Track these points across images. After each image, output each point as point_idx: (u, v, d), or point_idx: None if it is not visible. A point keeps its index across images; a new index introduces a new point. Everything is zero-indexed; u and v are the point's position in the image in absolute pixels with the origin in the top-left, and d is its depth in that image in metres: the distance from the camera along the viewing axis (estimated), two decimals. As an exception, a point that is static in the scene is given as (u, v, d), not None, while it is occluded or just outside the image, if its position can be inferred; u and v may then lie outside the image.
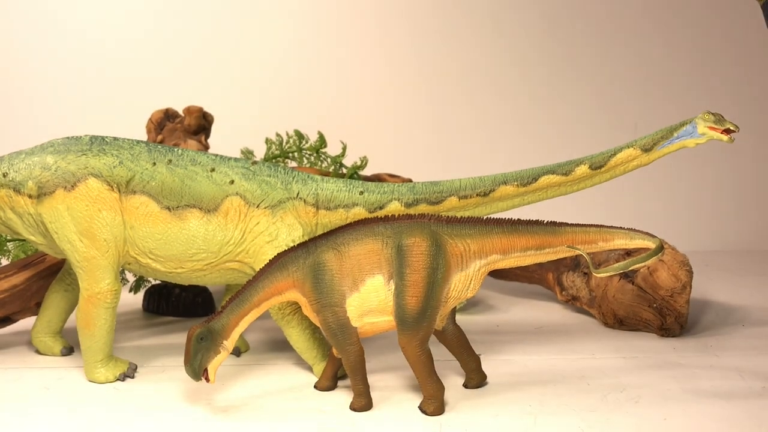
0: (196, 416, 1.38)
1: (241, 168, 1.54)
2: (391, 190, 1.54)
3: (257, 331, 1.88)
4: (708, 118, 1.48)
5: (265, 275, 1.41)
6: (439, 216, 1.43)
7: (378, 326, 1.42)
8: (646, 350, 1.72)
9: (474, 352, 1.51)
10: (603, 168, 1.52)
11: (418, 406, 1.40)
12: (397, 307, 1.38)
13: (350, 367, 1.41)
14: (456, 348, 1.50)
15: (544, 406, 1.41)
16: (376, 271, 1.40)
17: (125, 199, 1.52)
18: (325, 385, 1.50)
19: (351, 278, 1.40)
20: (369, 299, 1.40)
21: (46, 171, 1.52)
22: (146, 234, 1.51)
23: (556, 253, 1.43)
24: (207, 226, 1.51)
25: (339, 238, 1.42)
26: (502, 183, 1.53)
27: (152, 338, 1.85)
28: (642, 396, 1.45)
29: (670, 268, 1.81)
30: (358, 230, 1.42)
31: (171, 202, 1.52)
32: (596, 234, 1.42)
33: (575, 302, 2.00)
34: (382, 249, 1.40)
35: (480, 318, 1.98)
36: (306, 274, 1.41)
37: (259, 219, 1.52)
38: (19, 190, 1.53)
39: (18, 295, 1.75)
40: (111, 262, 1.52)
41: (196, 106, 2.07)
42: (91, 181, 1.51)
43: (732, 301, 2.14)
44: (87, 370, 1.55)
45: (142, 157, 1.54)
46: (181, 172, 1.53)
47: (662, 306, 1.81)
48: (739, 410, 1.39)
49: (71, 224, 1.50)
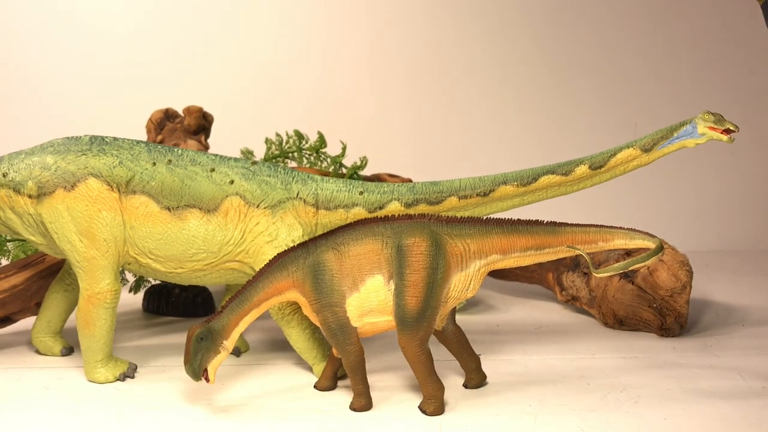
0: (196, 416, 1.38)
1: (241, 168, 1.54)
2: (391, 190, 1.54)
3: (257, 331, 1.88)
4: (708, 118, 1.48)
5: (265, 275, 1.41)
6: (438, 216, 1.43)
7: (378, 326, 1.42)
8: (646, 350, 1.72)
9: (474, 352, 1.51)
10: (603, 168, 1.52)
11: (418, 406, 1.40)
12: (396, 307, 1.38)
13: (350, 367, 1.41)
14: (456, 348, 1.50)
15: (544, 406, 1.41)
16: (376, 271, 1.40)
17: (125, 199, 1.52)
18: (325, 385, 1.50)
19: (351, 278, 1.40)
20: (369, 299, 1.40)
21: (45, 171, 1.52)
22: (146, 234, 1.51)
23: (556, 253, 1.43)
24: (207, 226, 1.51)
25: (339, 238, 1.42)
26: (502, 183, 1.53)
27: (152, 338, 1.85)
28: (642, 396, 1.45)
29: (670, 268, 1.81)
30: (358, 230, 1.42)
31: (171, 202, 1.52)
32: (596, 234, 1.42)
33: (575, 302, 2.00)
34: (382, 249, 1.40)
35: (480, 318, 1.98)
36: (306, 274, 1.41)
37: (258, 219, 1.52)
38: (19, 190, 1.53)
39: (18, 295, 1.75)
40: (111, 262, 1.52)
41: (196, 106, 2.07)
42: (91, 181, 1.51)
43: (732, 301, 2.14)
44: (87, 370, 1.55)
45: (142, 157, 1.54)
46: (181, 172, 1.53)
47: (662, 306, 1.81)
48: (739, 410, 1.39)
49: (71, 224, 1.50)
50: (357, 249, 1.40)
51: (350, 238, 1.41)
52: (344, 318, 1.40)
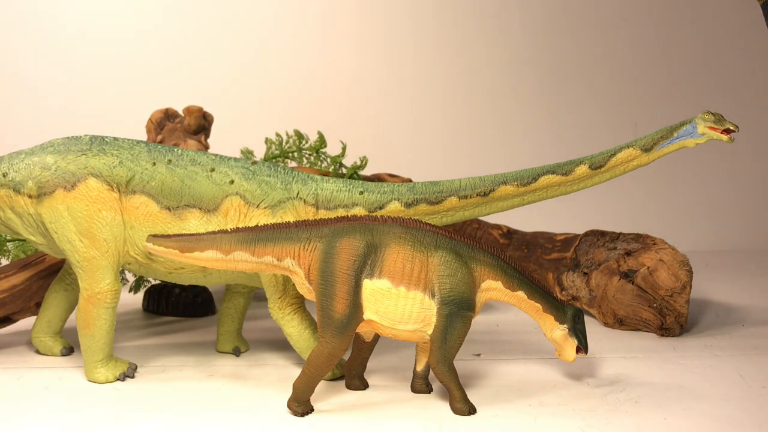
0: (196, 416, 1.38)
1: (241, 168, 1.54)
2: (391, 190, 1.54)
3: (257, 331, 1.88)
4: (708, 118, 1.48)
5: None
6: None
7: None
8: (646, 350, 1.72)
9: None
10: (603, 168, 1.52)
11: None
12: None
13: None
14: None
15: (544, 406, 1.41)
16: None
17: (125, 199, 1.52)
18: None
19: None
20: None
21: (45, 171, 1.52)
22: (146, 234, 1.51)
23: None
24: (207, 226, 1.51)
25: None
26: (502, 183, 1.53)
27: (152, 338, 1.85)
28: (642, 396, 1.45)
29: (670, 268, 1.81)
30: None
31: (171, 202, 1.52)
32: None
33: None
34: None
35: (480, 318, 1.98)
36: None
37: (259, 219, 1.51)
38: (19, 190, 1.53)
39: (18, 295, 1.75)
40: (111, 262, 1.52)
41: (196, 106, 2.07)
42: (91, 181, 1.51)
43: (732, 301, 2.14)
44: (87, 370, 1.55)
45: (142, 157, 1.54)
46: (181, 172, 1.53)
47: (662, 306, 1.81)
48: (739, 410, 1.39)
49: (71, 224, 1.50)
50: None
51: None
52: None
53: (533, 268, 2.12)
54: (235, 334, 1.72)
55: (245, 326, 1.89)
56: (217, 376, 1.57)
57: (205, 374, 1.58)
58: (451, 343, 1.37)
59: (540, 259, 2.11)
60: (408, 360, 1.65)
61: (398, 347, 1.74)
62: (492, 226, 2.21)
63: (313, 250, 1.38)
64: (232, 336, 1.71)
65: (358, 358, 1.49)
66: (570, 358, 1.44)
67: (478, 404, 1.41)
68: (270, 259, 1.40)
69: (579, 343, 1.43)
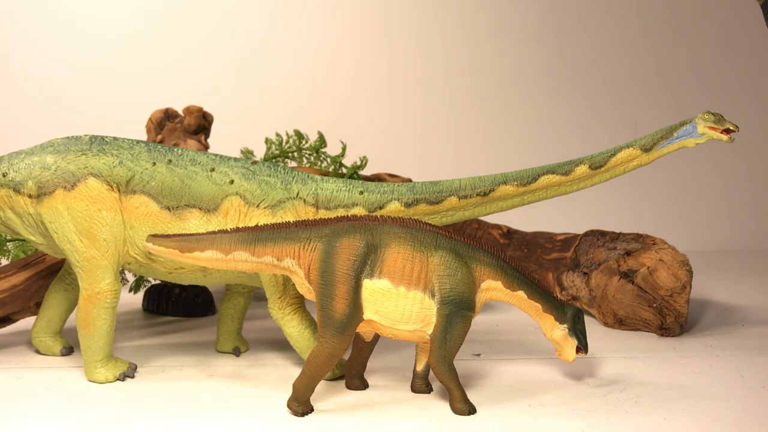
0: (196, 416, 1.38)
1: (240, 168, 1.54)
2: (391, 190, 1.54)
3: (257, 331, 1.88)
4: (708, 118, 1.48)
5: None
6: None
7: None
8: (646, 350, 1.72)
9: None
10: (603, 168, 1.52)
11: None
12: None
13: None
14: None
15: (544, 406, 1.41)
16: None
17: (125, 198, 1.52)
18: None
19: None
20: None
21: (45, 171, 1.52)
22: (146, 234, 1.51)
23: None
24: (207, 226, 1.51)
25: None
26: (502, 183, 1.53)
27: (152, 338, 1.85)
28: (642, 396, 1.45)
29: (670, 268, 1.81)
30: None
31: (171, 202, 1.52)
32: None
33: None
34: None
35: (480, 318, 1.98)
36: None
37: (259, 219, 1.51)
38: (19, 189, 1.53)
39: (18, 295, 1.75)
40: (111, 262, 1.52)
41: (196, 106, 2.07)
42: (91, 181, 1.51)
43: (732, 301, 2.14)
44: (87, 370, 1.55)
45: (142, 156, 1.54)
46: (181, 172, 1.53)
47: (662, 306, 1.81)
48: (739, 410, 1.39)
49: (71, 224, 1.50)
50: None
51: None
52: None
53: (533, 268, 2.12)
54: (235, 334, 1.72)
55: (245, 326, 1.89)
56: (217, 376, 1.57)
57: (205, 374, 1.58)
58: (451, 343, 1.37)
59: (540, 259, 2.11)
60: (408, 360, 1.65)
61: (398, 347, 1.74)
62: (492, 226, 2.21)
63: (313, 250, 1.38)
64: (232, 336, 1.71)
65: (358, 358, 1.49)
66: (570, 358, 1.44)
67: (478, 404, 1.41)
68: (270, 259, 1.40)
69: (579, 343, 1.43)
